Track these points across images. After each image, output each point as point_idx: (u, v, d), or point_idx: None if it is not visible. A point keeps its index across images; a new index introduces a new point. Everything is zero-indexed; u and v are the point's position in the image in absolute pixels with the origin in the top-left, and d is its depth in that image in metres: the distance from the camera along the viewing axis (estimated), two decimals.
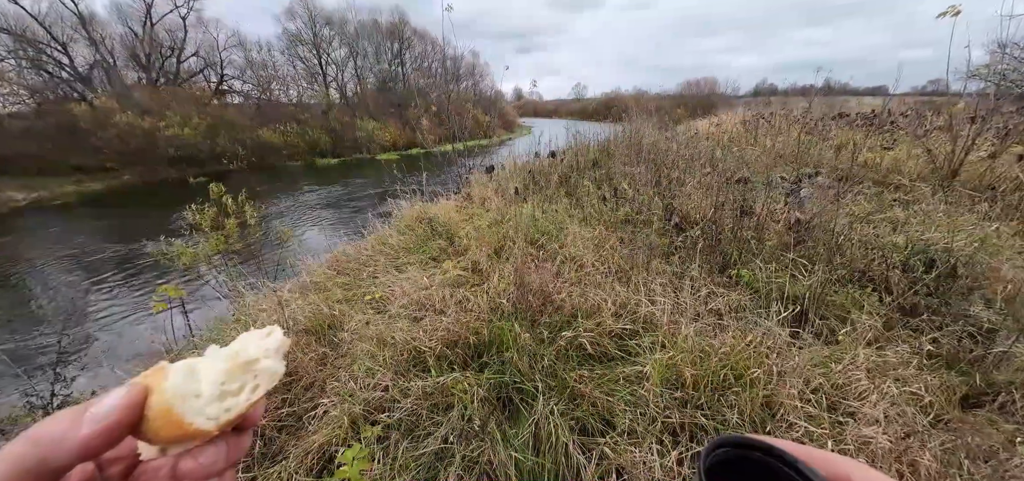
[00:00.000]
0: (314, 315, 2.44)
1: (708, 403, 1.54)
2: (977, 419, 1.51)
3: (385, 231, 4.02)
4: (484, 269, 2.88)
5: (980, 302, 2.11)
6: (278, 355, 0.28)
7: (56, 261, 5.93)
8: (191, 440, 0.25)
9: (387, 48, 25.59)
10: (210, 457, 0.26)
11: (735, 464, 0.24)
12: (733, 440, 0.24)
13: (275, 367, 0.28)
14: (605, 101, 35.04)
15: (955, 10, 3.31)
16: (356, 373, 1.87)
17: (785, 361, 1.65)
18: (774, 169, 4.73)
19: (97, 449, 0.21)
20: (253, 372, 0.27)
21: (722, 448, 0.24)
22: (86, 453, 0.21)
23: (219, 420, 0.25)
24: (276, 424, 1.78)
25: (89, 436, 0.21)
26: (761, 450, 0.24)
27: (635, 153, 5.47)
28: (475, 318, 2.14)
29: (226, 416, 0.25)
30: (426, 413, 1.63)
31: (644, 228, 3.25)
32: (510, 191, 4.64)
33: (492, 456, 1.44)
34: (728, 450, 0.24)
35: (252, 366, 0.27)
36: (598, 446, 1.44)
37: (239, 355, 0.27)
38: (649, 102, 15.63)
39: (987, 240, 2.66)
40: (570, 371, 1.75)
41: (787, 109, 9.08)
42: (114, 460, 0.26)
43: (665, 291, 2.30)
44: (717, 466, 0.23)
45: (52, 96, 13.93)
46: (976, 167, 4.09)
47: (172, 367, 0.25)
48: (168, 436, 0.24)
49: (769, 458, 0.23)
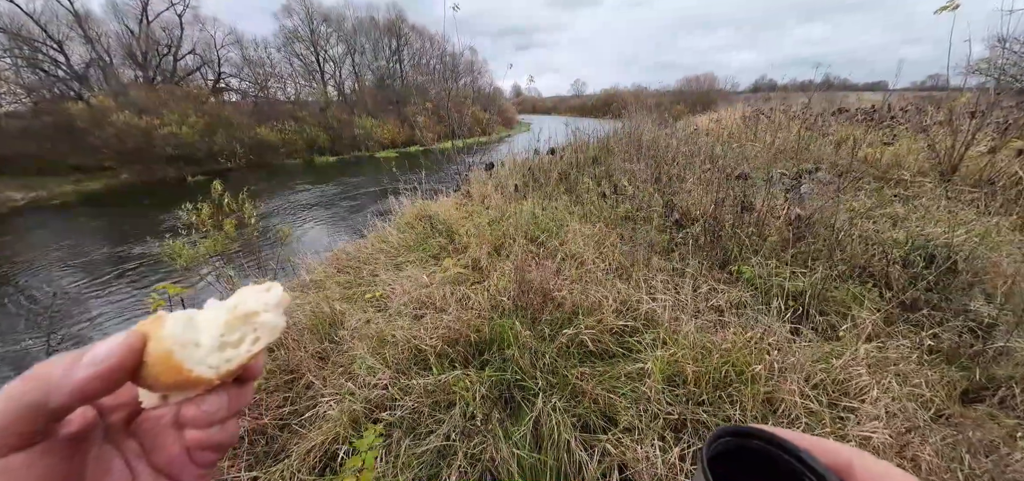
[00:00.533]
0: (314, 313, 2.44)
1: (710, 399, 1.54)
2: (978, 414, 1.52)
3: (385, 229, 4.02)
4: (484, 267, 2.88)
5: (980, 297, 2.11)
6: (278, 310, 0.27)
7: (52, 262, 5.92)
8: (192, 388, 0.25)
9: (385, 45, 25.46)
10: (212, 405, 0.26)
11: (736, 453, 0.24)
12: (735, 430, 0.24)
13: (275, 321, 0.27)
14: (604, 98, 34.94)
15: (954, 4, 3.30)
16: (357, 371, 1.87)
17: (786, 357, 1.65)
18: (774, 165, 4.73)
19: (95, 392, 0.21)
20: (253, 325, 0.26)
21: (724, 438, 0.24)
22: (84, 395, 0.20)
23: (220, 370, 0.25)
24: (278, 422, 1.78)
25: (86, 379, 0.20)
26: (762, 439, 0.24)
27: (635, 149, 5.46)
28: (476, 316, 2.13)
29: (227, 366, 0.25)
30: (428, 411, 1.63)
31: (644, 225, 3.25)
32: (510, 188, 4.63)
33: (494, 453, 1.44)
34: (730, 440, 0.24)
35: (252, 319, 0.26)
36: (600, 443, 1.44)
37: (238, 307, 0.26)
38: (648, 98, 15.58)
39: (987, 235, 2.66)
40: (571, 368, 1.75)
41: (787, 104, 9.06)
42: (116, 407, 0.26)
43: (666, 288, 2.30)
44: (719, 456, 0.23)
45: (49, 95, 13.86)
46: (976, 162, 4.08)
47: (170, 316, 0.24)
48: (168, 382, 0.24)
49: (770, 447, 0.23)
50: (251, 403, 0.21)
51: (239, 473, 1.52)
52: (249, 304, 0.27)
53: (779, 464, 0.23)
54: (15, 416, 0.19)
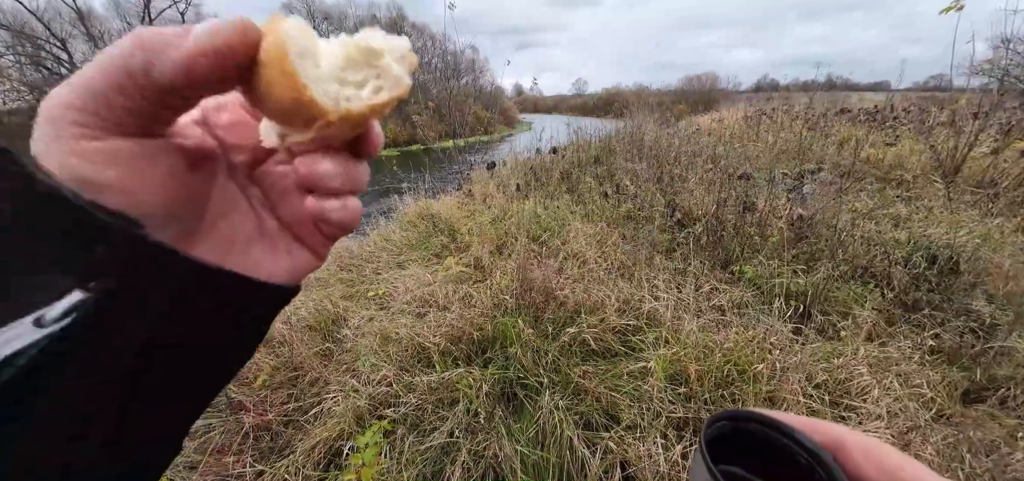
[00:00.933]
0: (318, 310, 2.45)
1: (712, 398, 1.55)
2: (978, 414, 1.52)
3: (388, 227, 4.03)
4: (486, 266, 2.89)
5: (982, 298, 2.12)
6: (404, 63, 0.24)
7: None
8: (309, 116, 0.21)
9: None
10: (327, 166, 0.23)
11: (733, 436, 0.25)
12: (732, 414, 0.25)
13: (401, 73, 0.23)
14: (606, 97, 34.90)
15: (959, 5, 3.29)
16: (361, 369, 1.89)
17: (788, 356, 1.66)
18: (776, 165, 4.73)
19: (203, 72, 0.17)
20: (377, 69, 0.23)
21: (721, 422, 0.25)
22: (191, 72, 0.17)
23: (339, 104, 0.21)
24: (283, 419, 1.79)
25: (196, 51, 0.17)
26: (758, 422, 0.25)
27: (636, 149, 5.46)
28: (479, 314, 2.14)
29: (346, 105, 0.21)
30: (431, 408, 1.65)
31: (646, 224, 3.25)
32: (512, 188, 4.64)
33: (498, 449, 1.46)
34: (726, 424, 0.25)
35: (376, 60, 0.22)
36: (602, 441, 1.46)
37: (364, 42, 0.22)
38: (650, 98, 15.56)
39: (990, 236, 2.66)
40: (574, 366, 1.76)
41: (789, 104, 9.05)
42: (237, 146, 0.24)
43: (668, 287, 2.30)
44: (716, 440, 0.24)
45: None
46: (979, 163, 4.08)
47: (288, 18, 0.21)
48: (282, 97, 0.20)
49: (766, 429, 0.24)
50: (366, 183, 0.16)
51: (244, 468, 1.54)
52: (375, 42, 0.23)
53: (774, 445, 0.24)
54: (115, 82, 0.16)
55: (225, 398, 1.82)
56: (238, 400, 1.83)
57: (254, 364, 2.05)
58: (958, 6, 3.28)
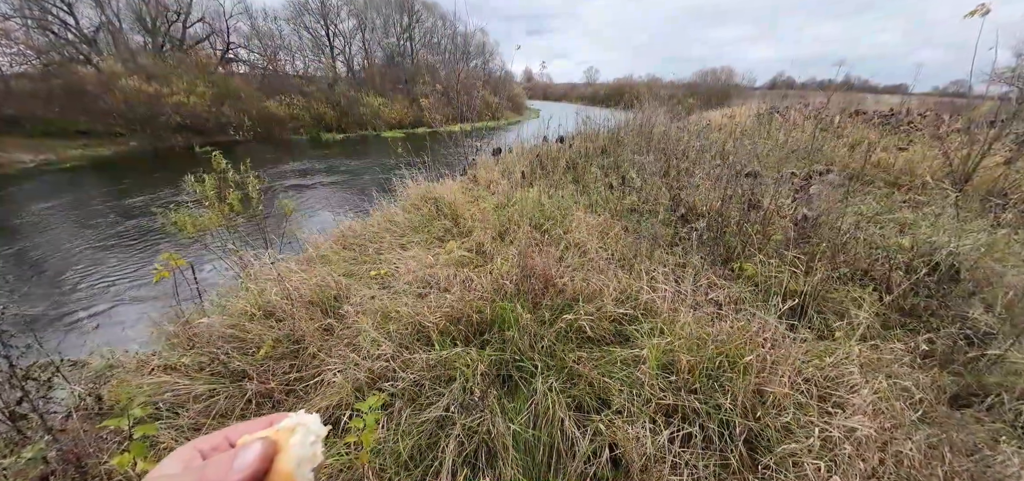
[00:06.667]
0: (320, 287, 2.49)
1: (702, 388, 1.58)
2: (963, 416, 1.55)
3: (391, 209, 4.05)
4: (488, 251, 2.91)
5: (980, 306, 2.12)
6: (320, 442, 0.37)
7: (60, 225, 6.03)
8: None
9: (396, 21, 24.99)
10: None
11: None
12: None
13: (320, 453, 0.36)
14: (617, 87, 34.22)
15: (985, 9, 3.18)
16: (361, 343, 1.93)
17: (779, 350, 1.68)
18: (786, 164, 4.67)
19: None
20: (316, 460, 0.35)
21: None
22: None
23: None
24: (284, 388, 1.85)
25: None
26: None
27: (645, 142, 5.40)
28: (478, 297, 2.18)
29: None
30: (429, 384, 1.70)
31: (649, 217, 3.25)
32: (516, 175, 4.63)
33: (491, 427, 1.50)
34: None
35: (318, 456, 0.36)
36: (592, 423, 1.50)
37: (319, 435, 0.36)
38: (662, 90, 15.26)
39: (994, 245, 2.64)
40: (569, 352, 1.80)
41: (804, 101, 8.86)
42: None
43: (667, 280, 2.32)
44: None
45: (58, 57, 13.83)
46: (990, 172, 4.01)
47: (298, 433, 0.34)
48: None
49: None
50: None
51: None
52: (318, 427, 0.37)
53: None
54: None
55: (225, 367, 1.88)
56: (241, 368, 1.89)
57: (256, 337, 2.11)
58: (983, 10, 3.17)
